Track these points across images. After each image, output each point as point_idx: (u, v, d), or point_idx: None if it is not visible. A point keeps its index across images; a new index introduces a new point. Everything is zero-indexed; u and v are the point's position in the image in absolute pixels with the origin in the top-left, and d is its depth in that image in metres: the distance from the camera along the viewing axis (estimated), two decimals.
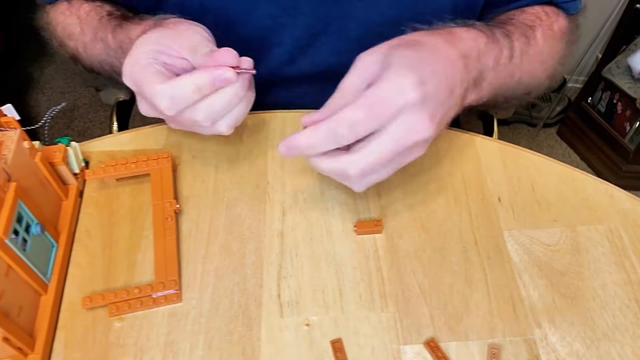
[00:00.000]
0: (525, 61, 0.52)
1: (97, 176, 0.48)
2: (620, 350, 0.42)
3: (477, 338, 0.42)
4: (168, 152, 0.50)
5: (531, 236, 0.48)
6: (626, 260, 0.47)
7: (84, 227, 0.47)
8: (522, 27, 0.53)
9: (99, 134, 0.80)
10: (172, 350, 0.40)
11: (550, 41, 0.55)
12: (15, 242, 0.37)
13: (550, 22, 0.57)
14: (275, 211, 0.49)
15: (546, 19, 0.56)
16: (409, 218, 0.49)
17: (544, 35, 0.54)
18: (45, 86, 1.70)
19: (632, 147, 1.41)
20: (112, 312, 0.41)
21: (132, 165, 0.49)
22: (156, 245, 0.45)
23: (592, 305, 0.44)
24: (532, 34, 0.53)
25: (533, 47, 0.52)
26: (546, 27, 0.55)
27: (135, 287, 0.42)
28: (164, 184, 0.48)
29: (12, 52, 1.77)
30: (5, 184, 0.38)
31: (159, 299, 0.42)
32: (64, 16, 0.57)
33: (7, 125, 0.41)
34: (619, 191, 0.52)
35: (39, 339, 0.39)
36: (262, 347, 0.41)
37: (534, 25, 0.54)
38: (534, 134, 1.66)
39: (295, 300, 0.43)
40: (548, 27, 0.56)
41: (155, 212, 0.46)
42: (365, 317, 0.43)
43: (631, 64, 1.34)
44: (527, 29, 0.53)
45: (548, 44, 0.55)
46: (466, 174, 0.52)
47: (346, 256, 0.46)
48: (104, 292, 0.42)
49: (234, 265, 0.45)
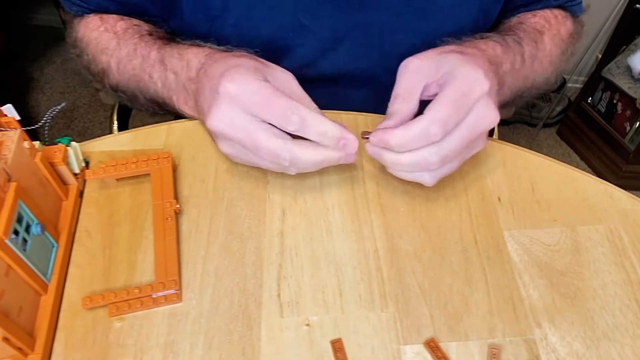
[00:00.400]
0: (536, 64, 0.55)
1: (98, 176, 0.48)
2: (620, 350, 0.42)
3: (477, 338, 0.42)
4: (168, 152, 0.50)
5: (531, 236, 0.48)
6: (626, 260, 0.47)
7: (84, 227, 0.47)
8: (532, 32, 0.56)
9: (99, 134, 0.80)
10: (172, 350, 0.40)
11: (557, 44, 0.59)
12: (16, 242, 0.37)
13: (559, 26, 0.60)
14: (275, 211, 0.49)
15: (555, 23, 0.60)
16: (409, 218, 0.49)
17: (552, 39, 0.58)
18: (45, 86, 1.70)
19: (632, 147, 1.41)
20: (112, 312, 0.41)
21: (132, 165, 0.49)
22: (156, 245, 0.45)
23: (592, 305, 0.44)
24: (540, 39, 0.56)
25: (541, 51, 0.56)
26: (555, 30, 0.59)
27: (136, 287, 0.42)
28: (164, 184, 0.48)
29: (12, 52, 1.77)
30: (6, 184, 0.38)
31: (159, 299, 0.42)
32: (98, 32, 0.56)
33: (7, 125, 0.41)
34: (619, 191, 0.52)
35: (39, 339, 0.39)
36: (262, 347, 0.41)
37: (542, 30, 0.58)
38: (534, 134, 1.66)
39: (295, 300, 0.43)
40: (556, 31, 0.59)
41: (155, 212, 0.46)
42: (365, 317, 0.43)
43: (631, 64, 1.34)
44: (536, 34, 0.56)
45: (556, 46, 0.58)
46: (466, 174, 0.52)
47: (346, 256, 0.46)
48: (104, 292, 0.42)
49: (234, 265, 0.45)
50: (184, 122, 0.55)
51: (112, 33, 0.56)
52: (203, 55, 0.48)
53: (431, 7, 0.54)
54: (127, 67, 0.54)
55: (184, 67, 0.49)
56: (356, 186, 0.51)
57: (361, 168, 0.52)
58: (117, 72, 0.55)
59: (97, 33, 0.56)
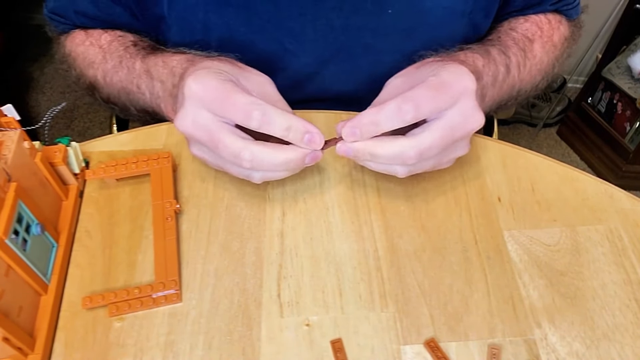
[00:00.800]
0: (524, 73, 0.54)
1: (98, 176, 0.48)
2: (620, 350, 0.42)
3: (477, 338, 0.42)
4: (168, 152, 0.50)
5: (531, 236, 0.48)
6: (626, 260, 0.47)
7: (84, 227, 0.47)
8: (522, 40, 0.55)
9: (99, 134, 0.80)
10: (172, 350, 0.40)
11: (549, 50, 0.57)
12: (16, 242, 0.37)
13: (551, 33, 0.58)
14: (275, 211, 0.49)
15: (547, 29, 0.58)
16: (409, 218, 0.49)
17: (542, 46, 0.57)
18: (45, 86, 1.70)
19: (632, 147, 1.41)
20: (112, 312, 0.41)
21: (133, 166, 0.49)
22: (156, 246, 0.45)
23: (592, 305, 0.44)
24: (530, 47, 0.55)
25: (530, 60, 0.55)
26: (546, 37, 0.58)
27: (136, 287, 0.42)
28: (164, 184, 0.48)
29: (12, 52, 1.77)
30: (6, 184, 0.38)
31: (159, 299, 0.42)
32: (84, 46, 0.56)
33: (7, 125, 0.41)
34: (619, 191, 0.52)
35: (39, 339, 0.39)
36: (262, 347, 0.41)
37: (533, 38, 0.56)
38: (534, 134, 1.66)
39: (295, 300, 0.43)
40: (548, 37, 0.58)
41: (155, 212, 0.46)
42: (365, 317, 0.43)
43: (631, 64, 1.34)
44: (526, 42, 0.55)
45: (546, 54, 0.57)
46: (466, 174, 0.52)
47: (346, 256, 0.46)
48: (104, 292, 0.42)
49: (234, 265, 0.45)
50: None
51: (97, 47, 0.56)
52: (185, 61, 0.48)
53: (418, 27, 0.53)
54: (114, 79, 0.54)
55: (169, 75, 0.49)
56: (356, 186, 0.51)
57: (361, 168, 0.52)
58: (105, 85, 0.56)
59: (83, 48, 0.57)
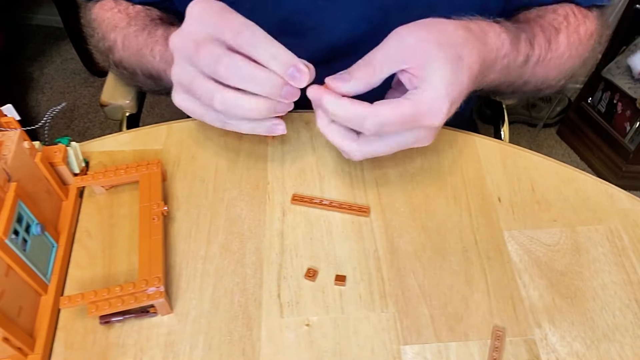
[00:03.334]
0: (539, 67, 0.53)
1: (86, 183, 0.48)
2: (620, 350, 0.42)
3: (477, 338, 0.42)
4: (159, 160, 0.49)
5: (531, 236, 0.48)
6: (626, 261, 0.47)
7: (84, 227, 0.47)
8: (549, 29, 0.54)
9: (99, 134, 0.80)
10: (172, 350, 0.40)
11: (573, 44, 0.56)
12: (16, 242, 0.37)
13: (577, 25, 0.57)
14: (275, 211, 0.49)
15: (574, 21, 0.57)
16: (409, 218, 0.49)
17: (567, 39, 0.56)
18: (45, 86, 1.70)
19: (632, 147, 1.41)
20: (91, 312, 0.39)
21: (122, 172, 0.48)
22: (141, 244, 0.44)
23: (592, 305, 0.44)
24: (555, 38, 0.54)
25: (553, 52, 0.54)
26: (572, 30, 0.57)
27: (117, 285, 0.41)
28: (152, 188, 0.47)
29: (12, 52, 1.77)
30: (6, 184, 0.38)
31: (141, 296, 0.40)
32: (112, 12, 0.58)
33: (7, 125, 0.41)
34: (619, 191, 0.52)
35: (39, 339, 0.39)
36: (262, 347, 0.41)
37: (560, 28, 0.55)
38: (534, 134, 1.66)
39: (295, 300, 0.43)
40: (574, 30, 0.57)
41: (143, 213, 0.46)
42: (365, 317, 0.43)
43: (631, 64, 1.34)
44: (552, 32, 0.54)
45: (570, 47, 0.56)
46: (466, 174, 0.52)
47: (346, 256, 0.46)
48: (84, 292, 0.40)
49: (234, 265, 0.45)
50: (184, 122, 0.55)
51: (124, 14, 0.58)
52: None
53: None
54: (132, 43, 0.55)
55: None
56: (356, 186, 0.51)
57: (361, 168, 0.52)
58: (122, 48, 0.57)
59: (110, 13, 0.58)
